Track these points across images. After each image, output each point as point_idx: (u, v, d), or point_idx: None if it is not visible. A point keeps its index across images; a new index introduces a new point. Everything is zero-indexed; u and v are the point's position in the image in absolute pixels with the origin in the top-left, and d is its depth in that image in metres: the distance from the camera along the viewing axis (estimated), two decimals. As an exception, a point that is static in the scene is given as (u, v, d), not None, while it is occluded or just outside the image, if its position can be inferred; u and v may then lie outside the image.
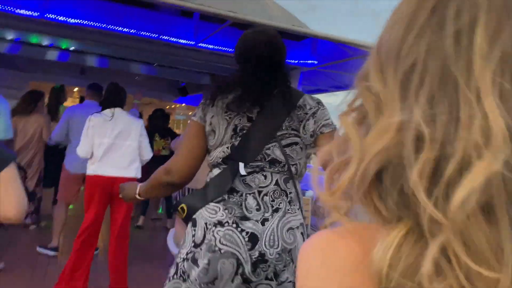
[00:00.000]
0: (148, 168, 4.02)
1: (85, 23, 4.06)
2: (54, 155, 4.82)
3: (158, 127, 6.04)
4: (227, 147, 1.59)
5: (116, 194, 3.44)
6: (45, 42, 5.21)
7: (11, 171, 1.17)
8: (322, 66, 4.86)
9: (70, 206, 4.40)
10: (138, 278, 3.90)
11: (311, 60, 4.78)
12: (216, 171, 1.61)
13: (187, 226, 1.61)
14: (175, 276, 1.55)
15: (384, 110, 0.40)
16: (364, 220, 0.43)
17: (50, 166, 4.96)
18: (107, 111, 3.52)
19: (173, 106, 10.07)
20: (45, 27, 4.22)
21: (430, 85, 0.37)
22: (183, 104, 9.43)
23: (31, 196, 4.94)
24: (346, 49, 4.33)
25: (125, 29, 4.18)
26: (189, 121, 1.73)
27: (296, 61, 4.76)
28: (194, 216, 1.57)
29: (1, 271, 3.80)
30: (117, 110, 3.54)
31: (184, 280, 1.52)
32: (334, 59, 4.69)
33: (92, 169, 3.48)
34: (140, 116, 7.28)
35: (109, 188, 3.47)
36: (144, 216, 5.88)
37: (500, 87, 0.35)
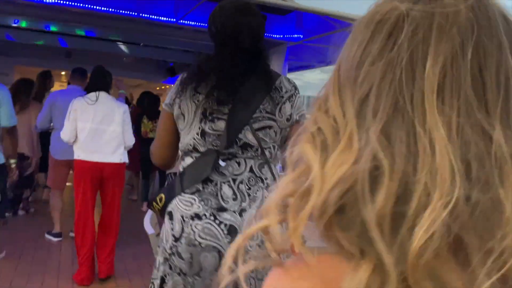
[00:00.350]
0: (137, 149, 4.00)
1: (63, 3, 3.96)
2: (46, 140, 4.77)
3: (146, 110, 6.00)
4: (197, 133, 1.52)
5: (106, 179, 3.48)
6: (25, 24, 5.09)
7: None
8: (307, 40, 4.77)
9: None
10: (126, 257, 3.99)
11: (296, 34, 4.69)
12: (188, 160, 1.56)
13: (163, 218, 1.59)
14: (170, 272, 1.53)
15: (341, 137, 0.38)
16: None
17: (44, 152, 4.92)
18: (91, 95, 3.45)
19: (163, 87, 9.98)
20: (21, 9, 4.11)
21: (385, 116, 0.36)
22: (173, 85, 9.32)
23: (31, 183, 4.98)
24: (331, 22, 4.24)
25: (103, 8, 4.07)
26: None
27: (281, 36, 4.67)
28: (169, 209, 1.54)
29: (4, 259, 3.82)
30: (102, 94, 3.46)
31: (179, 274, 1.52)
32: (320, 33, 4.60)
33: (77, 154, 3.47)
34: (128, 101, 7.18)
35: (98, 173, 3.45)
36: (147, 202, 5.88)
37: (453, 121, 0.34)
